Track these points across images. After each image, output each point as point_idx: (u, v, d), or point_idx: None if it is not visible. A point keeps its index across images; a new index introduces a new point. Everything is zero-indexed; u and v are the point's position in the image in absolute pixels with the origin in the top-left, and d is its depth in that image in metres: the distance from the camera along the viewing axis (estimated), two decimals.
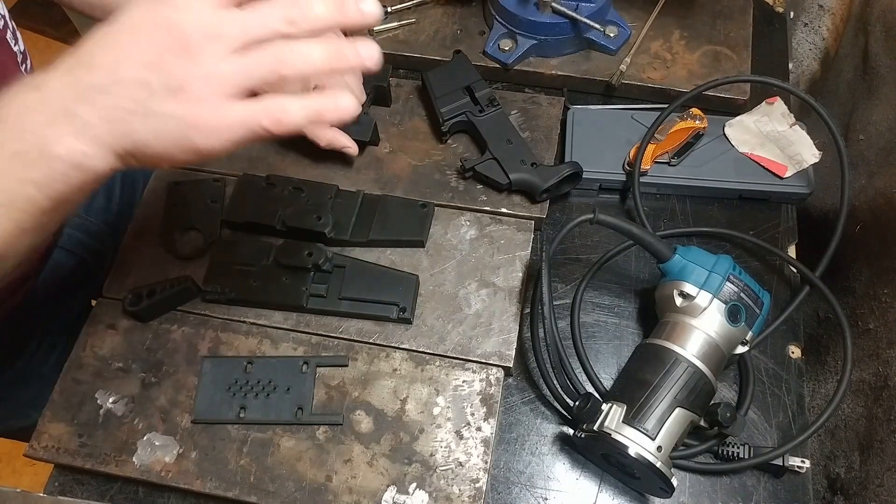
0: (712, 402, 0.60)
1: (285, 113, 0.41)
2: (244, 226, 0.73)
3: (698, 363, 0.59)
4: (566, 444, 0.66)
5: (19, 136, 0.40)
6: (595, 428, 0.59)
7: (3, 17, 0.66)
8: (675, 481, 0.57)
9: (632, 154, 0.76)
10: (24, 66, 0.72)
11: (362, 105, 0.75)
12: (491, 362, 0.66)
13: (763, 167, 0.76)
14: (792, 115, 0.79)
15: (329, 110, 0.42)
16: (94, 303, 0.72)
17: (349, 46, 0.42)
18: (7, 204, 0.41)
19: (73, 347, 0.68)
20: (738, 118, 0.79)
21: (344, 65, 0.42)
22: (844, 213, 0.71)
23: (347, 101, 0.42)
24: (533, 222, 0.73)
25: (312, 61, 0.41)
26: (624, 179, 0.77)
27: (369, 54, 0.42)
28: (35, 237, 0.44)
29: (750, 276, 0.63)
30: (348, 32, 0.51)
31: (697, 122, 0.75)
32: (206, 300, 0.69)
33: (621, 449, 0.56)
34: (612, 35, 0.83)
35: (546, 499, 0.63)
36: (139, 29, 0.41)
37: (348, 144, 0.73)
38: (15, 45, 0.68)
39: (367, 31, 0.87)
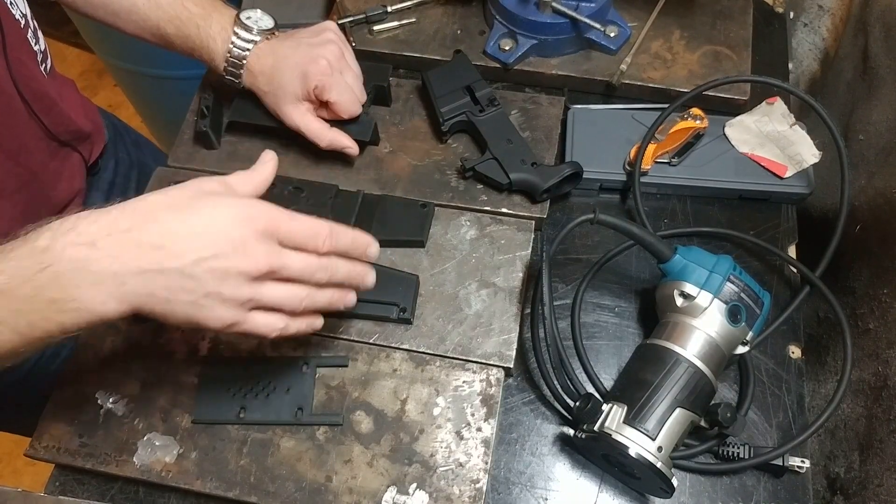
0: (712, 402, 0.60)
1: (285, 331, 0.53)
2: None
3: (699, 363, 0.59)
4: (566, 445, 0.66)
5: (61, 287, 0.44)
6: (595, 428, 0.59)
7: (25, 16, 0.67)
8: (675, 481, 0.57)
9: (632, 154, 0.76)
10: (43, 65, 0.72)
11: (363, 105, 0.75)
12: (491, 363, 0.66)
13: (763, 167, 0.76)
14: (792, 115, 0.79)
15: (306, 330, 0.55)
16: None
17: (344, 299, 0.56)
18: (26, 334, 0.45)
19: None
20: (738, 118, 0.79)
21: (335, 308, 0.56)
22: (844, 213, 0.71)
23: (318, 324, 0.56)
24: (533, 222, 0.73)
25: (319, 305, 0.54)
26: (624, 179, 0.77)
27: (349, 303, 0.56)
28: (29, 355, 0.48)
29: (750, 277, 0.63)
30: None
31: (698, 122, 0.75)
32: None
33: (622, 449, 0.56)
34: (612, 35, 0.83)
35: (546, 499, 0.63)
36: (219, 234, 0.47)
37: (349, 145, 0.73)
38: (35, 44, 0.69)
39: (369, 32, 0.87)
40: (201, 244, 0.46)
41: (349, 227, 0.55)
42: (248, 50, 0.72)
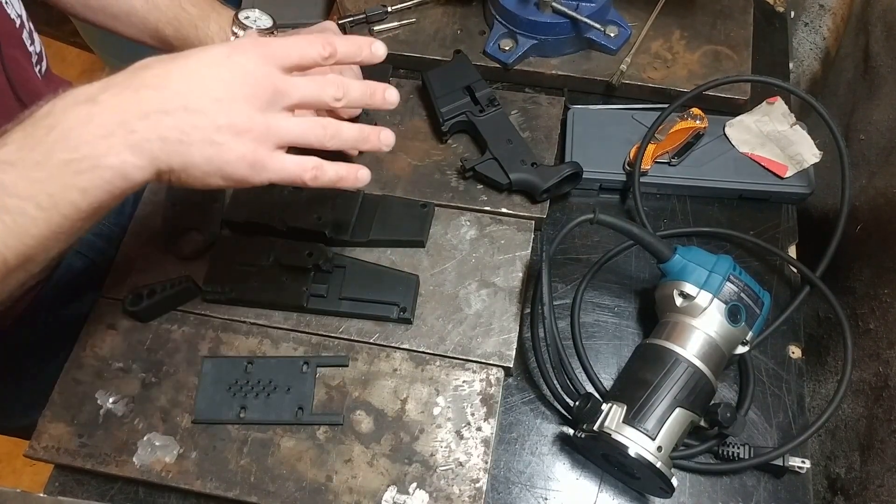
0: (712, 402, 0.60)
1: (322, 174, 0.51)
2: (244, 226, 0.73)
3: (698, 363, 0.59)
4: (566, 444, 0.66)
5: (71, 146, 0.43)
6: (595, 428, 0.59)
7: (21, 16, 0.66)
8: (675, 481, 0.57)
9: (632, 154, 0.76)
10: (38, 66, 0.71)
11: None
12: (491, 362, 0.66)
13: (763, 167, 0.76)
14: (792, 114, 0.79)
15: (351, 178, 0.52)
16: None
17: (374, 133, 0.53)
18: (50, 208, 0.43)
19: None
20: (738, 118, 0.79)
21: (366, 147, 0.53)
22: (845, 213, 0.71)
23: (365, 175, 0.53)
24: (533, 222, 0.73)
25: (346, 140, 0.52)
26: (624, 179, 0.77)
27: (386, 141, 0.53)
28: (66, 242, 0.46)
29: (750, 276, 0.63)
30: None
31: (698, 121, 0.75)
32: (206, 300, 0.69)
33: (621, 449, 0.56)
34: (612, 35, 0.83)
35: (546, 499, 0.63)
36: (215, 68, 0.47)
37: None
38: (31, 45, 0.68)
39: (369, 31, 0.87)
40: (200, 77, 0.46)
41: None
42: None
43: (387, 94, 0.53)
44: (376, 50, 0.53)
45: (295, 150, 0.50)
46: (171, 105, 0.45)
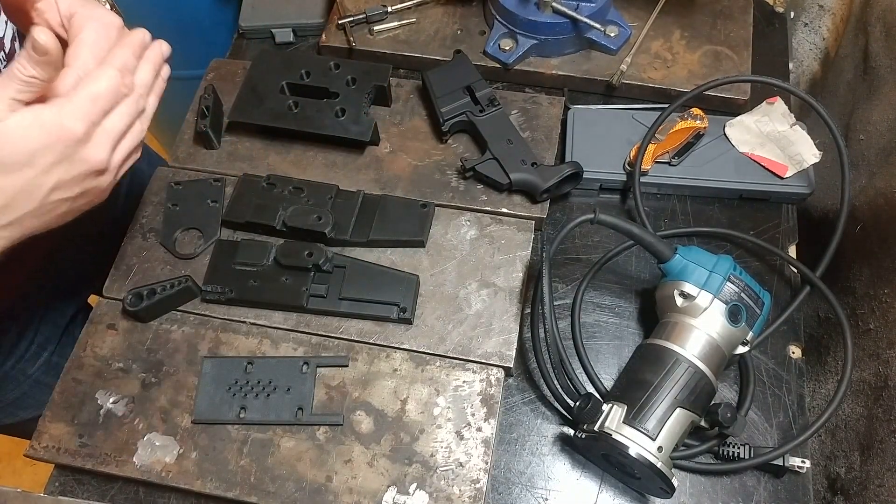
0: (713, 402, 0.60)
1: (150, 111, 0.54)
2: (244, 226, 0.73)
3: (699, 363, 0.59)
4: (567, 445, 0.66)
5: None
6: (595, 428, 0.59)
7: (1, 38, 0.65)
8: (675, 481, 0.57)
9: (632, 154, 0.76)
10: None
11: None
12: (491, 362, 0.65)
13: (763, 167, 0.76)
14: (792, 115, 0.79)
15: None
16: (93, 303, 0.72)
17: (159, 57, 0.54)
18: None
19: (64, 349, 0.68)
20: (738, 118, 0.79)
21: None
22: (845, 213, 0.71)
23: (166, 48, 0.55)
24: (533, 222, 0.73)
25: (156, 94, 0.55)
26: (624, 179, 0.77)
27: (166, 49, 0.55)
28: None
29: (750, 276, 0.63)
30: None
31: (698, 121, 0.75)
32: (206, 300, 0.69)
33: (622, 449, 0.56)
34: (612, 35, 0.83)
35: (546, 499, 0.63)
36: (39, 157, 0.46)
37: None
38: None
39: (369, 32, 0.87)
40: (37, 162, 0.46)
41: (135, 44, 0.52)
42: None
43: (163, 49, 0.54)
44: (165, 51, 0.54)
45: None
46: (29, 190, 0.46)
